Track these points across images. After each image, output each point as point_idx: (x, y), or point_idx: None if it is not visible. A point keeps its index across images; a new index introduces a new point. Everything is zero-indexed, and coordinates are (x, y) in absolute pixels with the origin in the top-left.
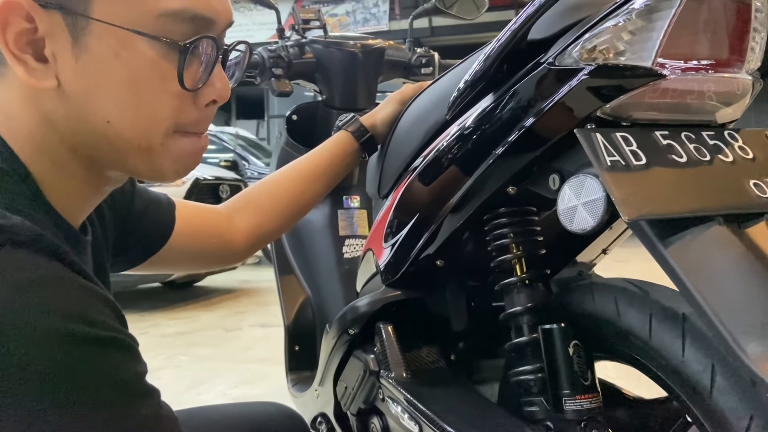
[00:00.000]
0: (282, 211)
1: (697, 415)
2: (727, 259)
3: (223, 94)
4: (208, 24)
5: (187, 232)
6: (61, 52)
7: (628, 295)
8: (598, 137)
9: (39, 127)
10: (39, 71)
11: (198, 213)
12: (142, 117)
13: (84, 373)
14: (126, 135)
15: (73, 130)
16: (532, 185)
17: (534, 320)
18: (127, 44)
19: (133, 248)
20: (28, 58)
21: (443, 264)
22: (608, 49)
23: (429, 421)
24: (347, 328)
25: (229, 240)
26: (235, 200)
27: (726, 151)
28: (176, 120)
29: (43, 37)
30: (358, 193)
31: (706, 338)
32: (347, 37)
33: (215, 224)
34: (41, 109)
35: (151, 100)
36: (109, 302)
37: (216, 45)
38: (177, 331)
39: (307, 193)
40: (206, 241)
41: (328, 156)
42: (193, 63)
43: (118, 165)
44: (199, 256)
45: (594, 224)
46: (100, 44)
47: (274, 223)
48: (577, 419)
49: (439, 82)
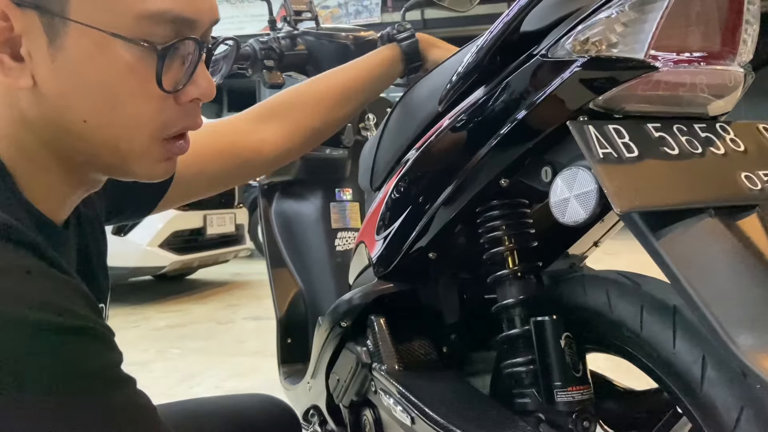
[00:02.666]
0: (314, 128)
1: (688, 406)
2: (719, 251)
3: (207, 93)
4: (191, 24)
5: (197, 163)
6: (37, 51)
7: (619, 287)
8: (591, 129)
9: (15, 126)
10: (15, 70)
11: (210, 139)
12: (121, 117)
13: (54, 362)
14: (103, 135)
15: (50, 129)
16: (525, 178)
17: (526, 312)
18: (104, 46)
19: (134, 201)
20: (4, 57)
21: (435, 256)
22: (601, 41)
23: (421, 413)
24: (339, 320)
25: (253, 156)
26: (260, 108)
27: (718, 143)
28: (161, 120)
29: (20, 36)
30: (350, 186)
31: (697, 330)
32: (339, 28)
33: (234, 146)
34: (17, 108)
35: (129, 102)
36: (83, 293)
37: (198, 45)
38: (169, 324)
39: (344, 110)
40: (224, 163)
41: (371, 71)
42: (173, 64)
43: (94, 165)
44: (218, 178)
45: (586, 216)
46: (76, 45)
47: (305, 139)
48: (569, 411)
49: (432, 74)
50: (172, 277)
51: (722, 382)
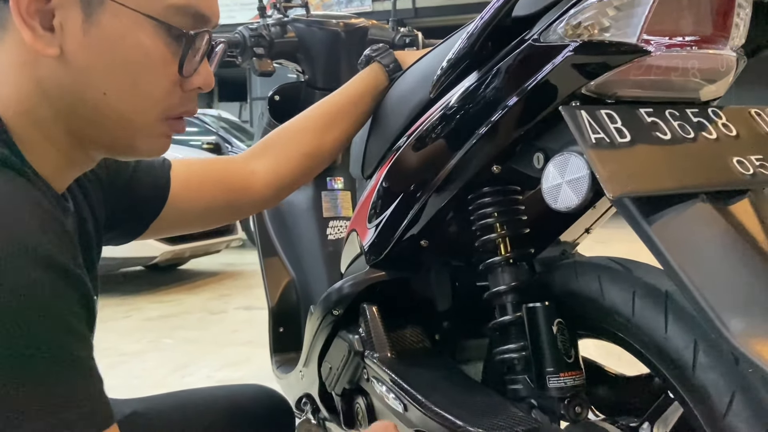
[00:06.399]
0: (305, 154)
1: (680, 391)
2: (711, 235)
3: (208, 83)
4: (205, 21)
5: (189, 188)
6: (70, 24)
7: (611, 273)
8: (583, 114)
9: (30, 94)
10: (45, 38)
11: (202, 168)
12: (138, 95)
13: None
14: (119, 109)
15: (67, 98)
16: (517, 164)
17: (518, 299)
18: (135, 27)
19: (129, 217)
20: (36, 24)
21: (427, 244)
22: (593, 26)
23: (414, 401)
24: (331, 309)
25: (243, 187)
26: (255, 146)
27: (710, 128)
28: (170, 101)
29: (53, 9)
30: (342, 175)
31: (689, 315)
32: (330, 16)
33: (226, 175)
34: (36, 76)
35: (148, 80)
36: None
37: (210, 40)
38: (161, 314)
39: (333, 133)
40: (216, 193)
41: (356, 93)
42: (189, 53)
43: (99, 140)
44: (211, 210)
45: (578, 202)
46: (111, 23)
47: (297, 168)
48: (561, 396)
49: (423, 60)
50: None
51: (714, 366)
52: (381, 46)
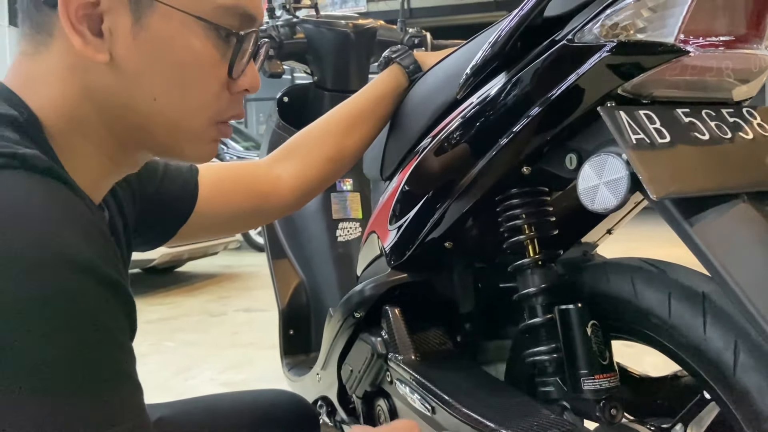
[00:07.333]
0: (328, 158)
1: (718, 392)
2: (753, 236)
3: (255, 84)
4: (251, 21)
5: (217, 194)
6: (118, 28)
7: (644, 275)
8: (622, 115)
9: (77, 100)
10: (94, 44)
11: (229, 173)
12: (188, 99)
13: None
14: (169, 114)
15: (115, 104)
16: (548, 165)
17: (548, 301)
18: (184, 29)
19: (158, 223)
20: (85, 30)
21: (452, 246)
22: (629, 26)
23: (443, 403)
24: (353, 311)
25: (269, 192)
26: (278, 150)
27: (746, 128)
28: (218, 105)
29: (102, 13)
30: (351, 176)
31: (728, 316)
32: (339, 17)
33: (251, 180)
34: (84, 81)
35: (198, 84)
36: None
37: (258, 40)
38: (161, 317)
39: (355, 137)
40: (242, 199)
41: (377, 95)
42: (239, 54)
43: (146, 144)
44: (238, 215)
45: (616, 203)
46: (160, 25)
47: (321, 173)
48: (596, 398)
49: (446, 61)
50: (161, 270)
51: (757, 367)
52: (400, 47)
